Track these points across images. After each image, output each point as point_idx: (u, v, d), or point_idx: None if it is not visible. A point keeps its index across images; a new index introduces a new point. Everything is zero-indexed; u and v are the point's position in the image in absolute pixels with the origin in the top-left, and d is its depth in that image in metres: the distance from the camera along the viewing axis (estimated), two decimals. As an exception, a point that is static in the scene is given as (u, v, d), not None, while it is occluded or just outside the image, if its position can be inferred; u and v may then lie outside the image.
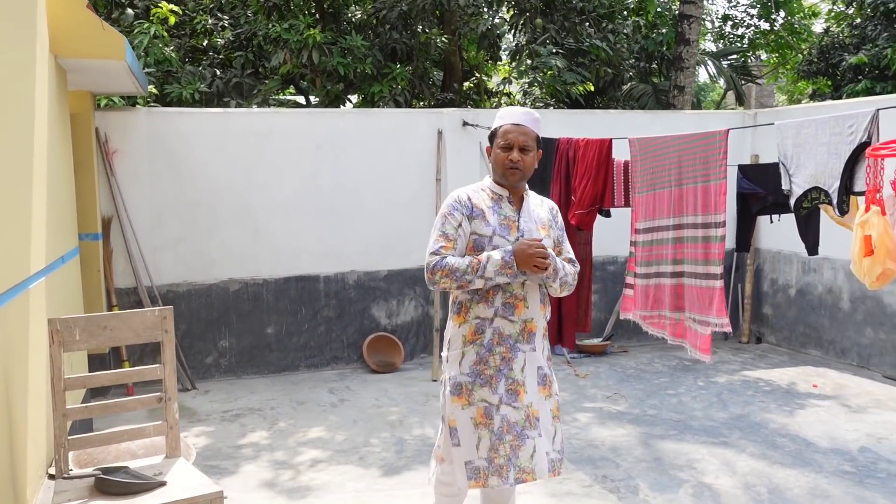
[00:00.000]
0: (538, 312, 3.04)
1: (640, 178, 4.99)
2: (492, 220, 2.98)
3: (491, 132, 3.11)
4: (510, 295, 2.96)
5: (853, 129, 3.69)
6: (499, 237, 2.96)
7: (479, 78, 12.17)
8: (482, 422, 2.94)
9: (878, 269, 3.21)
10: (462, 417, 2.96)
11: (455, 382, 2.99)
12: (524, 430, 2.95)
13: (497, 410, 2.94)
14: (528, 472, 2.94)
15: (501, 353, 2.96)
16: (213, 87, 9.28)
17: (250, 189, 6.59)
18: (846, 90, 12.01)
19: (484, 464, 2.93)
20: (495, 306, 2.96)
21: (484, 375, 2.96)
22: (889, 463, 4.58)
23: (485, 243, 2.94)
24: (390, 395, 6.04)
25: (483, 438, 2.93)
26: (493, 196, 3.06)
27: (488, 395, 2.95)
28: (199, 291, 6.47)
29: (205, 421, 5.49)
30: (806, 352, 7.25)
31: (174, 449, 3.18)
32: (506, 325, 2.97)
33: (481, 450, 2.93)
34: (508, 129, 3.02)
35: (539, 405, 3.01)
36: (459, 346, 3.01)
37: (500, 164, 3.01)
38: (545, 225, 3.08)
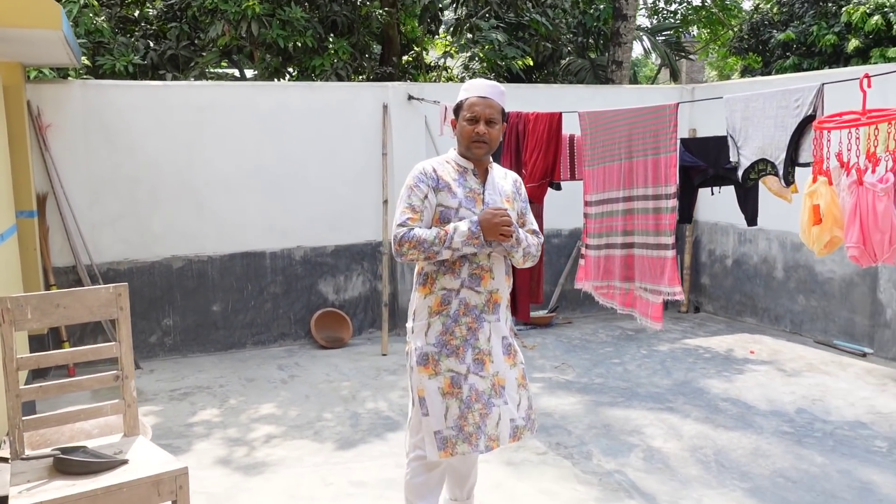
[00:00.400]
0: (503, 283, 3.06)
1: (590, 151, 5.07)
2: (458, 192, 2.98)
3: (456, 105, 3.09)
4: (476, 266, 2.97)
5: (799, 103, 3.82)
6: (465, 209, 2.96)
7: (417, 52, 12.09)
8: (450, 391, 2.97)
9: (826, 236, 3.35)
10: (430, 387, 2.98)
11: (421, 353, 3.01)
12: (490, 398, 2.99)
13: (465, 380, 2.97)
14: (494, 440, 3.00)
15: (467, 324, 2.98)
16: (147, 59, 8.98)
17: (192, 164, 6.43)
18: (775, 66, 12.37)
19: (452, 433, 2.96)
20: (462, 277, 2.97)
21: (450, 346, 2.98)
22: (824, 423, 4.81)
23: (451, 215, 2.95)
24: (341, 371, 6.03)
25: (451, 408, 2.96)
26: (459, 169, 3.06)
27: (455, 364, 2.97)
28: (142, 269, 6.30)
29: (152, 400, 5.38)
30: (742, 320, 7.52)
31: (133, 427, 3.11)
32: (472, 295, 2.98)
33: (449, 419, 2.96)
34: (475, 102, 3.00)
35: (505, 374, 3.05)
36: (425, 316, 3.02)
37: (467, 136, 3.00)
38: (509, 197, 3.09)
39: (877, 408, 5.05)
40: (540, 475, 4.09)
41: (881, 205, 3.23)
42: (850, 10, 10.49)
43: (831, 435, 4.61)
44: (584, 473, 4.11)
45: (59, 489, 2.60)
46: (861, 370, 5.87)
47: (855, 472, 4.10)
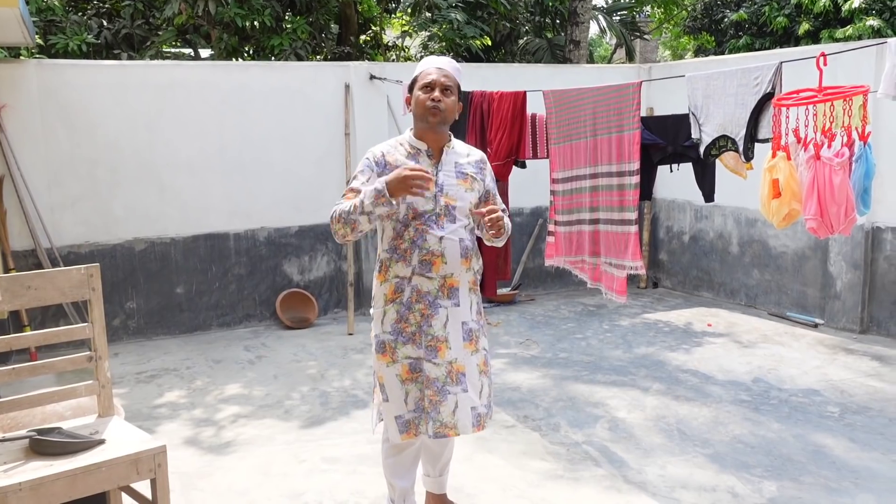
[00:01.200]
0: (459, 268, 2.95)
1: (555, 130, 5.14)
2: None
3: (411, 81, 3.02)
4: (427, 252, 2.90)
5: (758, 81, 3.94)
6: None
7: (375, 31, 12.03)
8: (409, 377, 2.96)
9: (784, 209, 3.48)
10: (388, 374, 2.98)
11: (379, 340, 3.00)
12: (445, 385, 2.93)
13: (422, 364, 2.95)
14: (450, 427, 2.93)
15: (420, 311, 2.93)
16: (100, 38, 8.79)
17: (153, 145, 6.35)
18: (728, 46, 12.60)
19: (414, 415, 2.96)
20: (412, 265, 2.92)
21: (406, 333, 2.95)
22: (779, 391, 5.00)
23: (399, 199, 2.84)
24: (308, 350, 6.05)
25: (410, 393, 2.95)
26: (411, 150, 2.98)
27: (412, 351, 2.95)
28: (103, 252, 6.22)
29: (118, 384, 5.34)
30: (699, 294, 7.73)
31: (107, 408, 3.11)
32: (424, 282, 2.92)
33: (410, 403, 2.95)
34: (429, 72, 2.94)
35: (464, 360, 2.98)
36: (381, 304, 3.00)
37: (421, 105, 2.90)
38: (468, 177, 2.99)
39: (828, 376, 5.26)
40: (509, 448, 4.18)
41: (837, 178, 3.37)
42: (801, -9, 10.73)
43: (786, 402, 4.79)
44: (553, 444, 4.22)
45: (38, 469, 2.59)
46: (813, 340, 6.10)
47: (809, 436, 4.28)
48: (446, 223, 2.92)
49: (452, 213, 2.94)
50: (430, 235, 2.90)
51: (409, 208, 2.90)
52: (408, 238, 2.92)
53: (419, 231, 2.91)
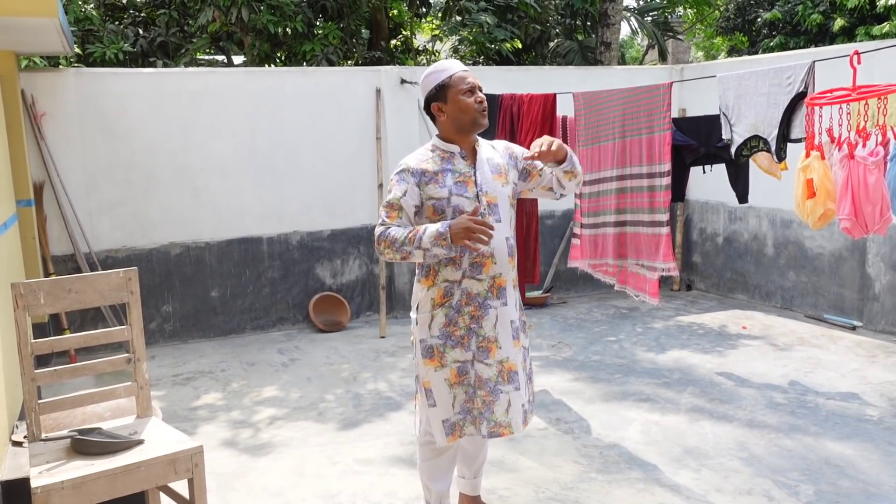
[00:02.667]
0: (507, 266, 2.98)
1: (583, 132, 5.13)
2: (446, 181, 2.90)
3: (435, 88, 2.94)
4: (477, 255, 2.90)
5: (791, 80, 3.90)
6: (457, 196, 2.89)
7: (406, 36, 12.10)
8: (457, 381, 2.94)
9: (819, 209, 3.44)
10: (436, 379, 2.95)
11: (426, 345, 2.96)
12: (497, 385, 2.95)
13: (472, 366, 2.95)
14: (504, 426, 2.96)
15: (470, 313, 2.93)
16: (136, 46, 8.96)
17: (187, 150, 6.46)
18: (762, 45, 12.45)
19: (459, 417, 2.95)
20: (463, 268, 2.91)
21: (455, 337, 2.93)
22: (816, 394, 4.92)
23: (444, 206, 2.87)
24: (340, 353, 6.10)
25: (458, 396, 2.95)
26: (445, 155, 2.96)
27: (461, 354, 2.94)
28: (140, 256, 6.34)
29: (155, 386, 5.43)
30: (734, 296, 7.64)
31: (146, 409, 3.17)
32: (474, 284, 2.92)
33: (457, 406, 2.95)
34: (463, 75, 2.92)
35: (515, 358, 3.00)
36: (429, 309, 2.96)
37: (471, 109, 2.89)
38: (502, 171, 3.02)
39: (867, 379, 5.17)
40: (542, 450, 4.18)
41: (872, 177, 3.32)
42: (836, -12, 10.57)
43: (823, 406, 4.72)
44: (585, 447, 4.20)
45: (79, 469, 2.66)
46: (851, 343, 5.99)
47: (847, 440, 4.21)
48: (493, 222, 2.89)
49: (497, 212, 2.94)
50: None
51: (455, 212, 2.88)
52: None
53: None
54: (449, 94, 2.92)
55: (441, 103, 2.94)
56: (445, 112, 2.94)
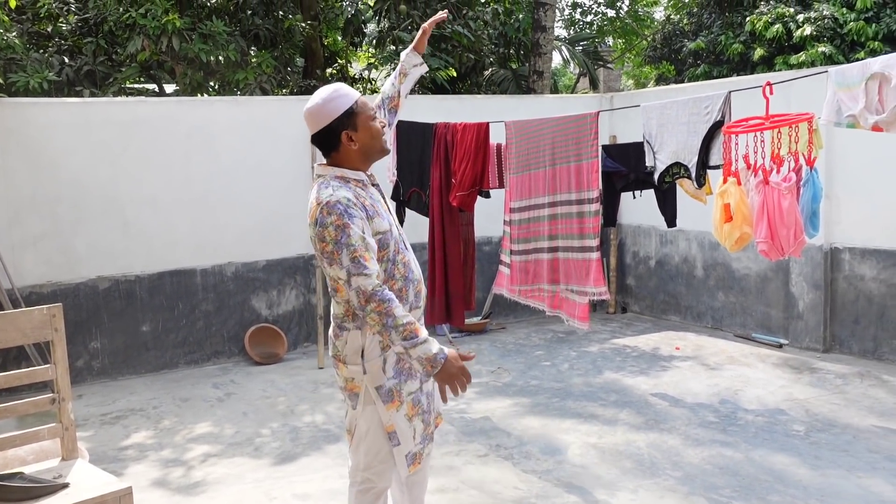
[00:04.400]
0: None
1: (515, 160, 5.22)
2: (380, 210, 2.75)
3: (345, 114, 2.70)
4: (416, 282, 2.86)
5: (709, 110, 4.06)
6: (393, 226, 2.80)
7: (341, 64, 12.13)
8: (414, 412, 2.88)
9: (736, 233, 3.57)
10: (398, 419, 2.84)
11: (386, 390, 2.80)
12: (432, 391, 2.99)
13: (422, 391, 2.91)
14: (437, 416, 3.05)
15: None
16: (62, 75, 8.75)
17: (117, 181, 6.32)
18: (688, 74, 12.88)
19: (420, 446, 2.91)
20: (409, 301, 2.82)
21: (405, 370, 2.84)
22: (746, 412, 5.06)
23: (388, 239, 2.72)
24: (277, 386, 6.01)
25: (417, 427, 2.89)
26: (360, 185, 2.75)
27: (412, 385, 2.87)
28: (66, 291, 6.14)
29: (82, 426, 5.25)
30: (667, 318, 7.81)
31: (71, 451, 3.07)
32: (417, 314, 2.89)
33: (417, 437, 2.90)
34: (366, 100, 2.78)
35: None
36: (378, 353, 2.79)
37: (380, 134, 2.78)
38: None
39: (793, 395, 5.35)
40: (482, 477, 4.18)
41: (786, 202, 3.47)
42: (754, 19, 11.03)
43: (753, 423, 4.86)
44: (525, 472, 4.23)
45: (-2, 516, 2.55)
46: (778, 360, 6.19)
47: (776, 455, 4.34)
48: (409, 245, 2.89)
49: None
50: (413, 262, 2.85)
51: (396, 243, 2.77)
52: (399, 276, 2.77)
53: (405, 264, 2.81)
54: (359, 120, 2.72)
55: (352, 131, 2.71)
56: (356, 140, 2.72)
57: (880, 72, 3.29)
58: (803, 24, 10.51)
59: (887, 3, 10.57)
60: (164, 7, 8.34)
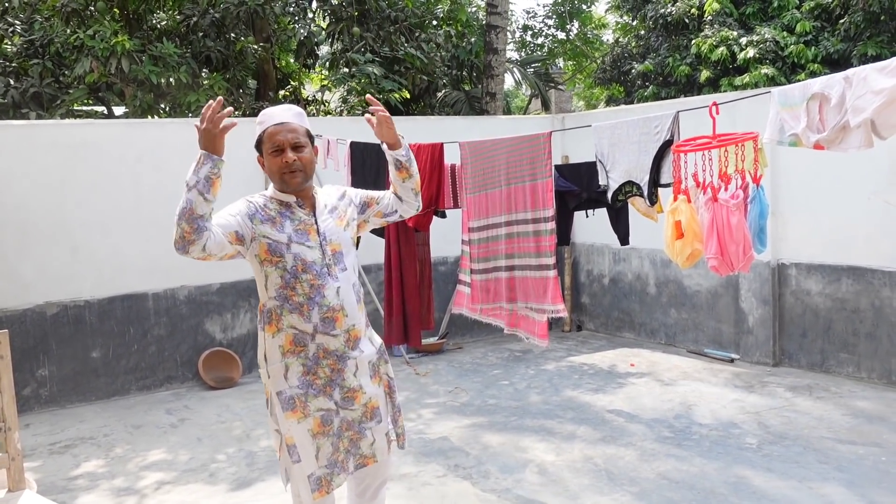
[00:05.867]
0: (357, 315, 2.90)
1: (471, 180, 5.26)
2: (285, 227, 2.79)
3: (256, 141, 2.84)
4: (327, 309, 2.79)
5: (658, 129, 4.15)
6: (297, 244, 2.78)
7: (294, 86, 12.11)
8: (320, 431, 2.80)
9: (687, 249, 3.65)
10: (299, 432, 2.80)
11: (286, 397, 2.80)
12: (362, 423, 2.91)
13: (336, 414, 2.85)
14: (368, 457, 2.93)
15: (329, 365, 2.83)
16: (7, 97, 8.57)
17: (64, 205, 6.19)
18: (637, 95, 13.17)
19: (326, 471, 2.81)
20: (313, 322, 2.78)
21: (316, 385, 2.80)
22: (700, 426, 5.14)
23: (283, 250, 2.76)
24: (232, 410, 5.91)
25: (323, 447, 2.81)
26: (282, 205, 2.83)
27: (324, 402, 2.82)
28: (12, 318, 5.97)
29: (30, 456, 5.09)
30: (621, 335, 7.91)
31: (18, 482, 2.98)
32: (329, 340, 2.81)
33: (321, 458, 2.81)
34: (274, 131, 2.77)
35: (377, 396, 2.95)
36: (279, 358, 2.80)
37: (277, 170, 2.77)
38: (341, 214, 2.94)
39: (746, 408, 5.45)
40: (441, 497, 4.17)
41: (734, 218, 3.56)
42: (699, 42, 11.36)
43: (707, 437, 4.93)
44: (484, 492, 4.22)
45: (-59, 552, 2.46)
46: (730, 374, 6.31)
47: (730, 468, 4.41)
48: (339, 272, 2.83)
49: (342, 260, 2.86)
50: (328, 290, 2.79)
51: (296, 259, 2.77)
52: (302, 293, 2.77)
53: (314, 287, 2.78)
54: (263, 148, 2.82)
55: (261, 156, 2.85)
56: (265, 167, 2.84)
57: (820, 92, 3.41)
58: (746, 46, 10.86)
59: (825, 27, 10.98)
60: (113, 29, 8.25)
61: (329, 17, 11.15)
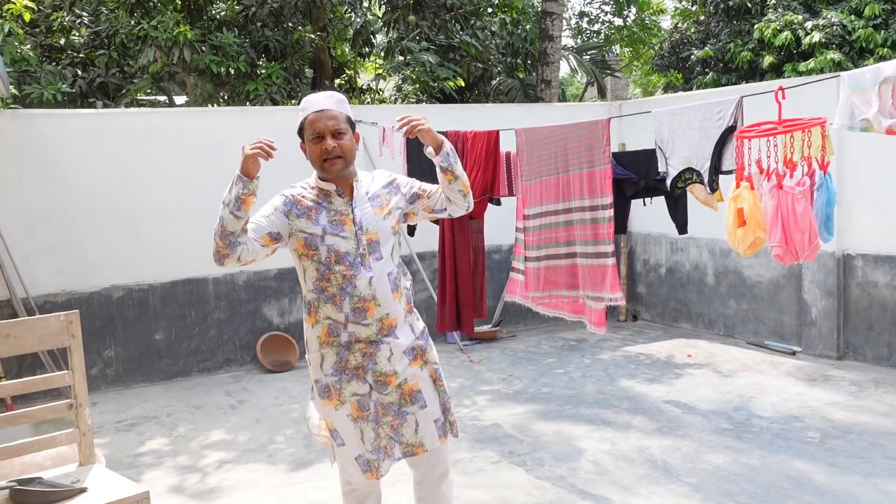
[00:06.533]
0: (392, 304, 2.83)
1: (526, 167, 5.24)
2: (321, 219, 2.80)
3: (298, 128, 2.87)
4: (358, 299, 2.77)
5: (721, 115, 4.07)
6: (331, 235, 2.78)
7: (350, 75, 12.19)
8: (359, 415, 2.83)
9: (749, 237, 3.57)
10: (339, 418, 2.84)
11: (322, 385, 2.85)
12: (402, 407, 2.87)
13: (370, 398, 2.85)
14: (416, 446, 2.88)
15: (361, 350, 2.82)
16: (75, 87, 8.84)
17: (128, 192, 6.36)
18: (696, 82, 12.91)
19: (373, 455, 2.83)
20: (345, 312, 2.79)
21: (348, 371, 2.82)
22: (760, 419, 5.04)
23: (317, 242, 2.78)
24: (289, 393, 6.02)
25: (365, 431, 2.83)
26: (321, 193, 2.85)
27: (358, 387, 2.83)
28: (80, 300, 6.18)
29: (98, 433, 5.27)
30: (678, 326, 7.80)
31: (88, 456, 3.09)
32: (360, 329, 2.80)
33: (367, 442, 2.83)
34: (314, 119, 2.79)
35: (415, 378, 2.89)
36: (316, 348, 2.85)
37: (317, 157, 2.79)
38: (383, 203, 2.89)
39: (808, 402, 5.32)
40: (495, 483, 4.18)
41: (800, 206, 3.47)
42: (762, 27, 11.06)
43: (767, 430, 4.83)
44: (538, 479, 4.22)
45: (18, 521, 2.56)
46: (792, 367, 6.17)
47: (791, 462, 4.31)
48: (373, 262, 2.81)
49: (378, 249, 2.83)
50: (360, 280, 2.77)
51: (329, 251, 2.78)
52: (335, 283, 2.78)
53: (346, 277, 2.78)
54: (305, 135, 2.85)
55: (302, 143, 2.88)
56: (306, 153, 2.87)
57: (893, 75, 3.29)
58: (812, 31, 10.53)
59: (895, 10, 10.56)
60: (175, 19, 8.42)
61: (385, 5, 11.19)
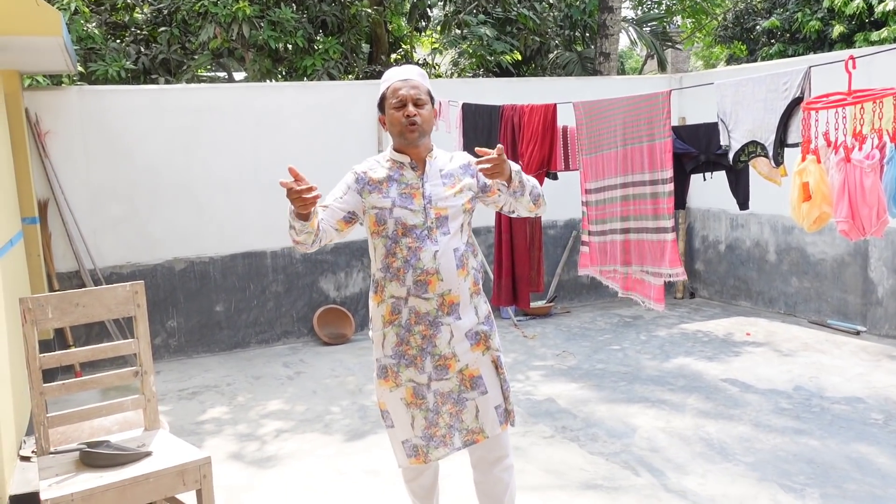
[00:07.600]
0: (456, 280, 2.80)
1: (586, 141, 5.17)
2: (391, 191, 2.81)
3: (379, 98, 2.89)
4: (421, 272, 2.76)
5: (787, 86, 3.93)
6: (399, 208, 2.78)
7: (406, 49, 12.16)
8: (413, 402, 2.83)
9: (815, 212, 3.46)
10: (392, 399, 2.86)
11: (380, 365, 2.88)
12: (461, 394, 2.84)
13: (428, 388, 2.83)
14: (477, 433, 2.86)
15: (421, 332, 2.80)
16: (138, 64, 9.03)
17: (190, 166, 6.50)
18: (761, 53, 12.51)
19: (422, 442, 2.83)
20: (407, 285, 2.78)
21: (408, 356, 2.82)
22: (821, 399, 4.93)
23: (386, 216, 2.79)
24: (346, 365, 6.12)
25: (417, 417, 2.83)
26: (394, 165, 2.87)
27: (415, 375, 2.82)
28: (144, 272, 6.37)
29: (161, 401, 5.44)
30: (737, 303, 7.64)
31: (153, 422, 3.20)
32: (420, 303, 2.78)
33: (416, 428, 2.83)
34: (397, 87, 2.81)
35: (477, 363, 2.86)
36: (380, 326, 2.87)
37: (397, 123, 2.80)
38: (456, 182, 2.88)
39: (872, 383, 5.17)
40: (548, 458, 4.19)
41: (868, 180, 3.34)
42: (833, -5, 10.63)
43: (828, 410, 4.72)
44: (591, 454, 4.21)
45: (88, 481, 2.68)
46: (855, 347, 6.00)
47: (853, 444, 4.21)
48: (440, 236, 2.79)
49: (445, 224, 2.81)
50: (425, 252, 2.76)
51: (397, 224, 2.78)
52: (401, 257, 2.78)
53: (412, 249, 2.77)
54: (386, 105, 2.86)
55: (382, 115, 2.91)
56: (386, 123, 2.89)
57: (972, 44, 3.14)
58: (885, -2, 10.07)
59: (977, -25, 10.04)
60: (234, -5, 8.50)
61: (441, -22, 11.11)
